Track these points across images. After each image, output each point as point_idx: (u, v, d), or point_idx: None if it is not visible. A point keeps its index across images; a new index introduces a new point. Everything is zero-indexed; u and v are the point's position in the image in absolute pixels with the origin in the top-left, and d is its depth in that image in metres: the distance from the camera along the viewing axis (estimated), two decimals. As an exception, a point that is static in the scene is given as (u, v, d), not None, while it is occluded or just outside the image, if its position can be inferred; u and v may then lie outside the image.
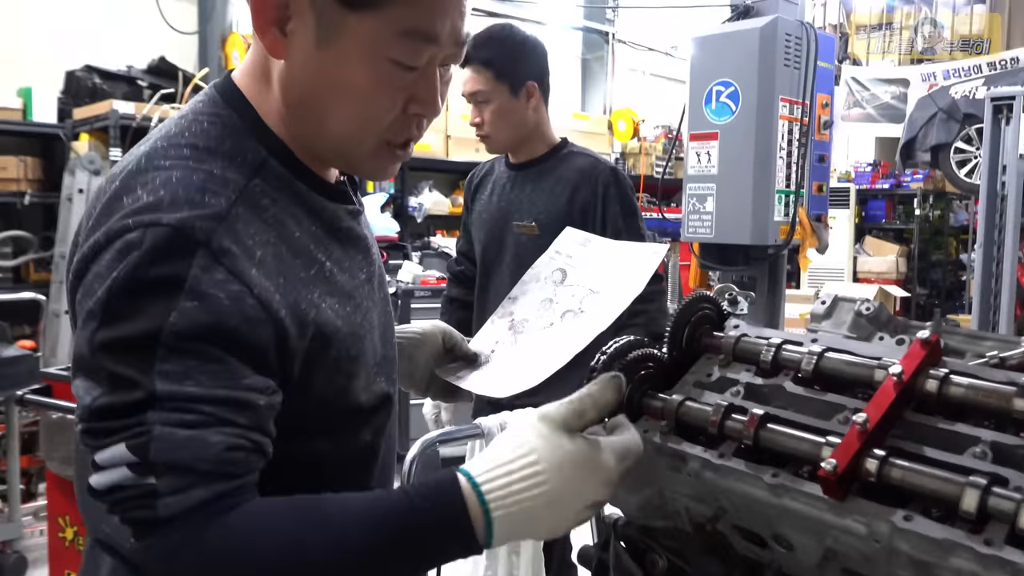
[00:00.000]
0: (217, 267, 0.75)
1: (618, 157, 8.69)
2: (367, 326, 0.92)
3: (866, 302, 1.20)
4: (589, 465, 0.77)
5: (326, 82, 0.84)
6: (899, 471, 0.71)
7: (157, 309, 0.72)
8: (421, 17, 0.82)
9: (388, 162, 0.92)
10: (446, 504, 0.74)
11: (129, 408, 0.71)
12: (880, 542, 0.70)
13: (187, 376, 0.72)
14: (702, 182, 3.31)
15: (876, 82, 10.85)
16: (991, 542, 0.64)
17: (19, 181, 4.94)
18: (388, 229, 5.54)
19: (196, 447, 0.71)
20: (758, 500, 0.80)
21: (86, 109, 5.03)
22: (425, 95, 0.87)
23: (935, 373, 0.78)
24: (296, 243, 0.84)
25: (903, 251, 10.11)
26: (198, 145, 0.83)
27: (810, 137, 3.28)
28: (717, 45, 3.25)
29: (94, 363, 0.74)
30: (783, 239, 3.25)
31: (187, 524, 0.71)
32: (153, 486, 0.70)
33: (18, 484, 3.45)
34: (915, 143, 8.21)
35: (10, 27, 5.35)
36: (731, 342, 0.94)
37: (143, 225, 0.75)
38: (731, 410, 0.84)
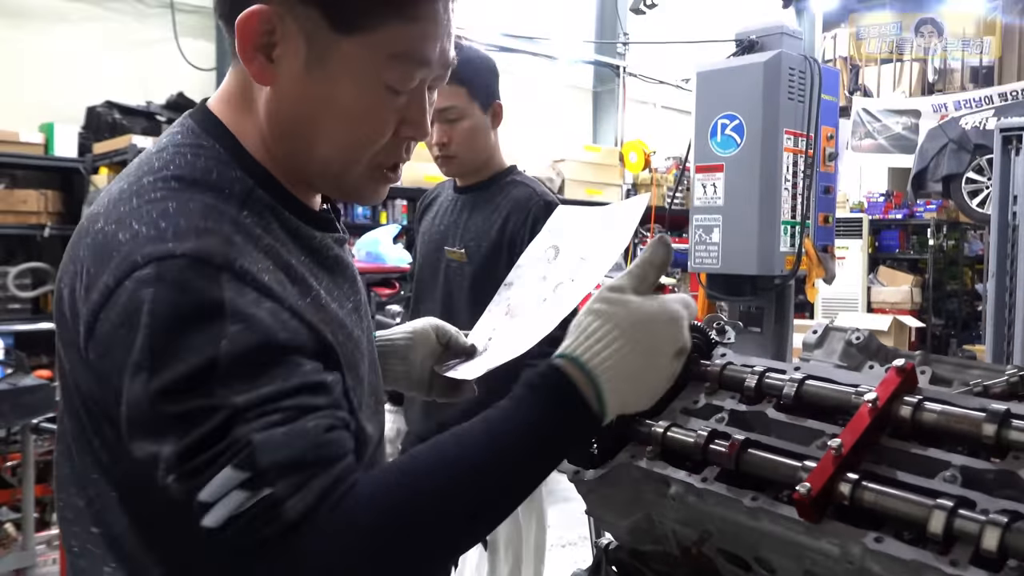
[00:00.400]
0: (246, 288, 0.73)
1: (630, 188, 8.75)
2: (359, 355, 0.90)
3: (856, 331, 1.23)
4: (664, 316, 0.83)
5: (317, 106, 0.84)
6: (871, 494, 0.73)
7: (205, 340, 0.70)
8: (413, 40, 0.83)
9: (380, 185, 0.93)
10: (556, 388, 0.78)
11: (216, 434, 0.68)
12: (853, 563, 0.72)
13: (255, 383, 0.70)
14: (708, 213, 3.35)
15: (887, 113, 10.90)
16: (956, 563, 0.66)
17: (40, 214, 5.05)
18: (400, 260, 5.58)
19: (296, 439, 0.70)
20: (739, 523, 0.83)
21: (106, 144, 5.15)
22: (416, 118, 0.88)
23: (909, 400, 0.80)
24: (292, 271, 0.83)
25: (917, 281, 10.07)
26: (185, 177, 0.81)
27: (815, 169, 3.31)
28: (721, 79, 3.30)
29: (157, 415, 0.70)
30: (789, 269, 3.28)
31: (322, 517, 0.69)
32: (272, 495, 0.68)
33: (32, 512, 3.49)
34: (926, 173, 8.23)
35: (33, 65, 5.50)
36: (717, 370, 0.96)
37: (154, 259, 0.72)
38: (714, 436, 0.86)
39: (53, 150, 5.15)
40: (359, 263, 5.63)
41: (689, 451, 0.88)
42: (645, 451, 0.92)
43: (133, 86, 5.88)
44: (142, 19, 6.02)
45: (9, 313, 4.87)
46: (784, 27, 3.40)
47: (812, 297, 3.54)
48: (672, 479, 0.88)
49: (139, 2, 5.99)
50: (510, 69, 8.52)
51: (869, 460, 0.80)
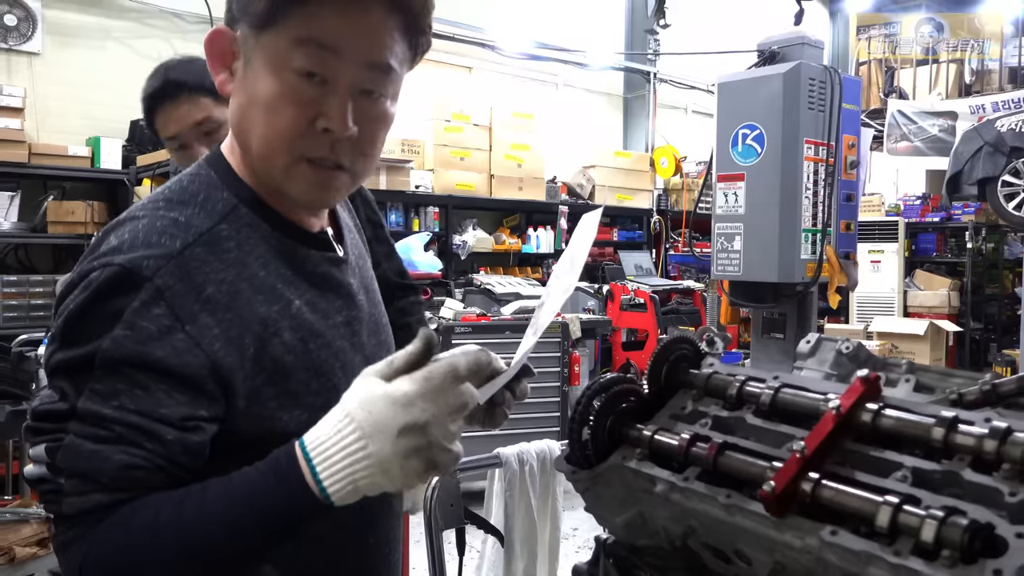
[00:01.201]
0: (158, 303, 0.85)
1: (661, 194, 8.80)
2: (336, 365, 0.98)
3: (846, 341, 1.31)
4: (389, 397, 0.79)
5: (247, 101, 0.94)
6: (829, 492, 0.81)
7: (96, 336, 0.83)
8: (315, 27, 0.89)
9: (310, 180, 0.95)
10: (284, 472, 0.81)
11: (56, 416, 0.84)
12: (812, 554, 0.80)
13: (112, 397, 0.83)
14: (730, 221, 3.40)
15: (923, 115, 10.79)
16: (899, 553, 0.74)
17: (86, 224, 5.26)
18: (431, 267, 5.71)
19: (97, 460, 0.82)
20: (717, 519, 0.91)
21: (148, 156, 5.34)
22: (331, 111, 0.91)
23: (870, 407, 0.88)
24: (259, 281, 0.92)
25: (955, 285, 9.94)
26: (172, 199, 0.95)
27: (836, 177, 3.35)
28: (742, 90, 3.36)
29: (49, 377, 0.87)
30: (810, 276, 3.32)
31: (84, 523, 0.83)
32: (60, 486, 0.83)
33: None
34: (961, 176, 8.14)
35: (81, 82, 5.74)
36: (703, 379, 1.05)
37: (102, 265, 0.86)
38: (695, 439, 0.95)
39: (99, 163, 5.38)
40: (392, 270, 5.77)
41: (673, 453, 0.96)
42: (635, 453, 1.01)
43: (175, 100, 6.09)
44: (183, 35, 6.22)
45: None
46: (805, 37, 3.44)
47: (834, 303, 3.58)
48: (658, 478, 0.96)
49: (179, 19, 6.20)
50: (540, 77, 8.63)
51: (834, 461, 0.87)
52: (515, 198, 7.24)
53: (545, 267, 7.53)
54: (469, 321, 5.20)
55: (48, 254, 5.57)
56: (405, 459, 0.79)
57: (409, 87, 1.06)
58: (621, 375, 1.07)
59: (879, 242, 9.73)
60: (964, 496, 0.79)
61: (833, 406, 0.88)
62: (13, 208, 5.20)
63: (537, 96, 8.50)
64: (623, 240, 8.32)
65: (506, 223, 7.84)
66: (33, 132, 5.33)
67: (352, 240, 1.15)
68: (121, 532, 0.82)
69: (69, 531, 0.84)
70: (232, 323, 0.89)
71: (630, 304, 6.38)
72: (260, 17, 0.91)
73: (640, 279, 7.08)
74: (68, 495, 0.83)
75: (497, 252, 7.33)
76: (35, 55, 5.60)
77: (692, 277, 7.72)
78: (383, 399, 0.79)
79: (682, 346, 1.11)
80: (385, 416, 0.79)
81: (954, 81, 11.41)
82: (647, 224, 8.50)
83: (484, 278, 6.39)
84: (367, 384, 0.81)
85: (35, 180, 5.36)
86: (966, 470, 0.80)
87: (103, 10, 5.88)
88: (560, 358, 4.79)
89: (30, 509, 3.70)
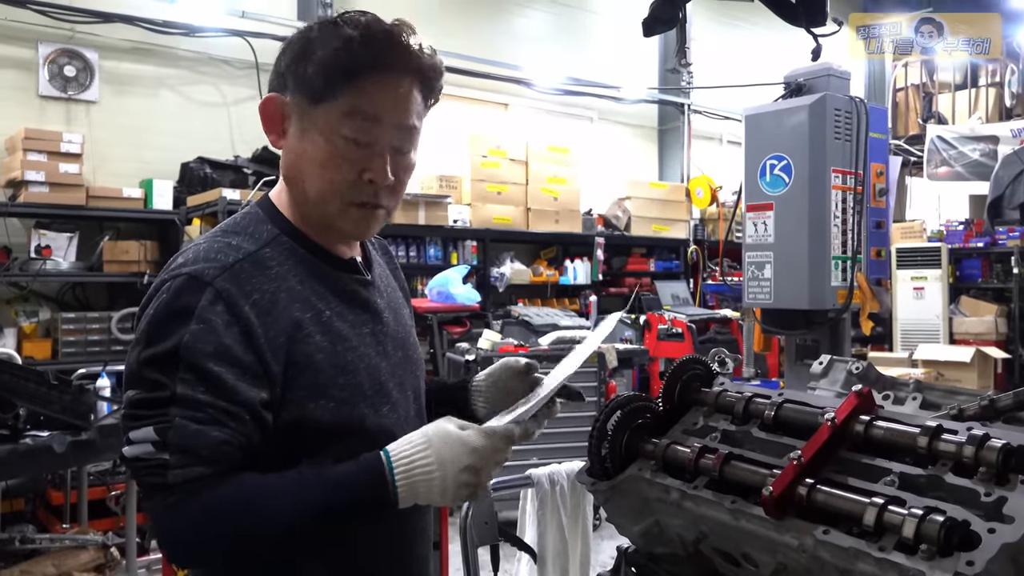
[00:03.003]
0: (218, 301, 1.05)
1: (697, 223, 8.84)
2: (361, 366, 1.17)
3: (857, 362, 1.38)
4: (457, 439, 1.05)
5: (303, 159, 1.15)
6: (822, 495, 0.89)
7: (177, 332, 1.03)
8: (361, 103, 1.12)
9: (358, 220, 1.19)
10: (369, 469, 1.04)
11: (158, 402, 1.01)
12: (807, 552, 0.88)
13: (200, 384, 1.01)
14: (760, 250, 3.46)
15: (963, 140, 10.69)
16: (884, 548, 0.81)
17: (139, 263, 5.48)
18: (469, 299, 5.82)
19: (200, 437, 1.00)
20: (724, 523, 0.99)
21: (198, 197, 5.57)
22: (375, 167, 1.15)
23: (863, 418, 0.95)
24: (295, 293, 1.13)
25: (1002, 311, 9.75)
26: (227, 229, 1.18)
27: (865, 205, 3.40)
28: (768, 121, 3.44)
29: (137, 373, 1.04)
30: (842, 303, 3.36)
31: (185, 490, 0.99)
32: (166, 460, 0.99)
33: (135, 538, 3.80)
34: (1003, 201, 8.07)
35: (135, 126, 6.02)
36: (713, 396, 1.13)
37: (172, 276, 1.08)
38: (704, 451, 1.03)
39: (152, 204, 5.61)
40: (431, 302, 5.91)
41: (684, 464, 1.05)
42: (650, 465, 1.09)
43: (223, 142, 6.36)
44: (231, 80, 6.50)
45: (113, 355, 5.29)
46: (831, 68, 3.51)
47: (867, 330, 3.60)
48: (670, 487, 1.04)
49: (228, 64, 6.48)
50: (575, 111, 8.78)
51: (831, 469, 0.95)
52: (552, 231, 7.35)
53: (582, 298, 7.60)
54: (507, 351, 5.29)
55: (104, 292, 5.80)
56: (457, 488, 1.04)
57: (447, 124, 1.25)
58: (637, 394, 1.16)
59: (921, 268, 9.60)
60: (946, 498, 0.86)
61: (829, 418, 0.96)
62: (72, 248, 5.45)
63: (572, 130, 8.65)
64: (660, 270, 8.36)
65: (543, 255, 7.94)
66: (90, 176, 5.59)
67: (381, 271, 1.35)
68: (225, 499, 1.01)
69: (170, 498, 1.00)
70: (271, 325, 1.09)
71: (668, 334, 6.42)
72: (316, 93, 1.13)
73: (677, 309, 7.12)
74: (173, 467, 0.99)
75: (535, 284, 7.42)
76: (92, 103, 5.90)
77: (729, 306, 7.72)
78: (458, 440, 1.05)
79: (694, 366, 1.20)
80: (456, 453, 1.04)
81: (994, 105, 11.30)
82: (684, 254, 8.54)
83: (522, 310, 6.48)
84: (447, 424, 1.07)
85: (92, 221, 5.60)
86: (948, 474, 0.87)
87: (157, 59, 6.18)
88: (597, 387, 4.84)
89: (88, 536, 3.86)
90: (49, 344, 5.32)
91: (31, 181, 5.11)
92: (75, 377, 4.03)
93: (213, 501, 1.00)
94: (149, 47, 6.11)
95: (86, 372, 4.33)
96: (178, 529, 1.01)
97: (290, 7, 6.83)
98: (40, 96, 5.71)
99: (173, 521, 1.00)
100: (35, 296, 5.56)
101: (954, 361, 8.47)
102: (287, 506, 1.02)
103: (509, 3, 8.25)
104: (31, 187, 5.11)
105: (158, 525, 1.03)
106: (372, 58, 1.12)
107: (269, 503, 1.02)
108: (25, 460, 3.03)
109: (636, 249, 8.39)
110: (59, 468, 3.98)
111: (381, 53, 1.13)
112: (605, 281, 7.85)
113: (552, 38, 8.52)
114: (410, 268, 6.56)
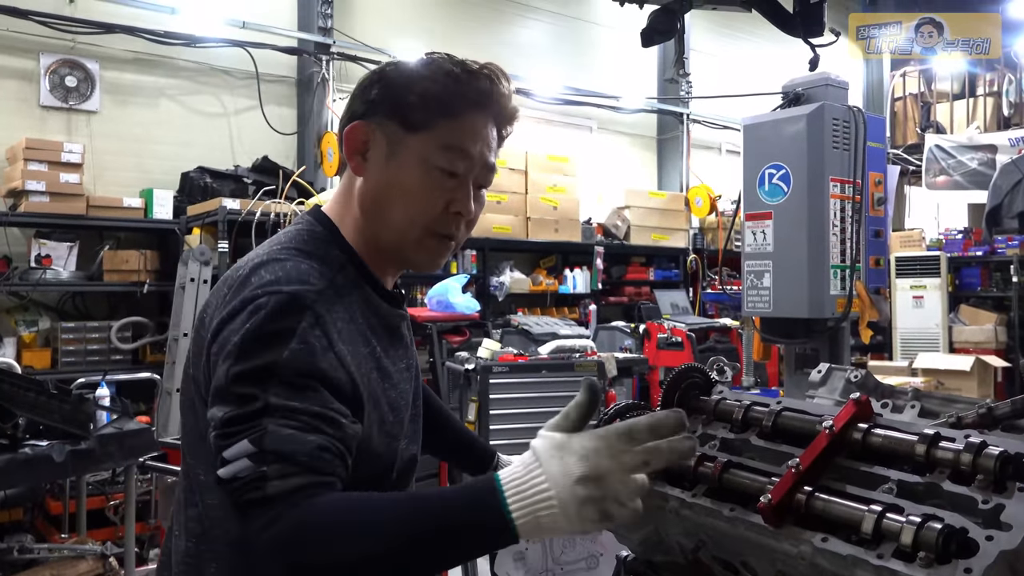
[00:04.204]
0: (316, 326, 1.03)
1: (696, 232, 8.86)
2: (402, 402, 1.19)
3: (855, 371, 1.39)
4: (561, 448, 0.91)
5: (391, 186, 1.16)
6: (820, 503, 0.89)
7: (276, 349, 0.99)
8: (457, 136, 1.15)
9: (433, 250, 1.20)
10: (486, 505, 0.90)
11: (251, 415, 0.96)
12: (805, 559, 0.88)
13: (292, 395, 0.97)
14: (759, 259, 3.47)
15: (961, 149, 10.72)
16: (882, 556, 0.81)
17: (139, 272, 5.49)
18: (469, 308, 5.82)
19: (296, 444, 0.94)
20: (723, 531, 0.99)
21: (198, 206, 5.58)
22: (461, 198, 1.18)
23: (861, 426, 0.96)
24: (359, 326, 1.13)
25: (1002, 320, 9.76)
26: (301, 249, 1.16)
27: (863, 214, 3.41)
28: (767, 131, 3.45)
29: (227, 389, 0.99)
30: (840, 312, 3.36)
31: (286, 503, 0.91)
32: (264, 472, 0.92)
33: (133, 548, 3.80)
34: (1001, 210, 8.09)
35: (136, 138, 6.04)
36: (712, 405, 1.13)
37: (268, 293, 1.04)
38: (703, 459, 1.03)
39: (152, 213, 5.62)
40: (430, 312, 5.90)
41: (683, 472, 1.05)
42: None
43: (223, 152, 6.37)
44: (231, 90, 6.52)
45: (112, 364, 5.29)
46: (829, 78, 3.53)
47: (866, 338, 3.61)
48: (669, 495, 1.05)
49: (228, 75, 6.50)
50: (575, 121, 8.81)
51: (829, 476, 0.95)
52: (551, 240, 7.36)
53: (582, 307, 7.60)
54: (506, 361, 5.28)
55: (104, 301, 5.81)
56: (581, 505, 0.89)
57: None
58: (636, 402, 1.17)
59: (921, 277, 9.62)
60: (944, 505, 0.86)
61: (827, 426, 0.96)
62: (72, 258, 5.46)
63: (572, 140, 8.67)
64: (659, 279, 8.37)
65: (542, 264, 7.95)
66: (91, 185, 5.60)
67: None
68: (330, 512, 0.91)
69: (271, 511, 0.91)
70: (351, 355, 1.07)
71: (667, 343, 6.41)
72: (413, 122, 1.15)
73: (676, 318, 7.12)
74: (272, 479, 0.92)
75: (534, 293, 7.43)
76: (93, 113, 5.92)
77: (729, 315, 7.73)
78: (567, 450, 0.91)
79: (693, 375, 1.20)
80: (568, 465, 0.90)
81: (992, 114, 11.34)
82: (683, 263, 8.55)
83: (521, 319, 6.48)
84: (553, 435, 0.94)
85: (92, 231, 5.62)
86: (945, 481, 0.87)
87: (158, 69, 6.20)
88: (596, 396, 4.84)
89: (86, 546, 3.85)
90: (49, 353, 5.33)
91: (32, 191, 5.13)
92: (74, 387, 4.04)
93: (320, 508, 0.91)
94: (150, 57, 6.14)
95: (86, 381, 4.33)
96: (287, 541, 0.90)
97: (291, 18, 6.87)
98: (41, 106, 5.73)
99: (279, 535, 0.90)
100: (35, 305, 5.56)
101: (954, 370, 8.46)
102: (401, 521, 0.91)
103: (509, 13, 8.29)
104: (31, 197, 5.13)
105: (262, 546, 0.91)
106: (473, 96, 1.16)
107: (382, 518, 0.92)
108: (24, 469, 3.04)
109: (635, 258, 8.41)
110: (58, 478, 3.97)
111: (481, 92, 1.17)
112: (604, 290, 7.86)
113: (552, 48, 8.56)
114: (409, 277, 6.56)
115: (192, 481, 1.16)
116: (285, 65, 6.80)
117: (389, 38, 7.17)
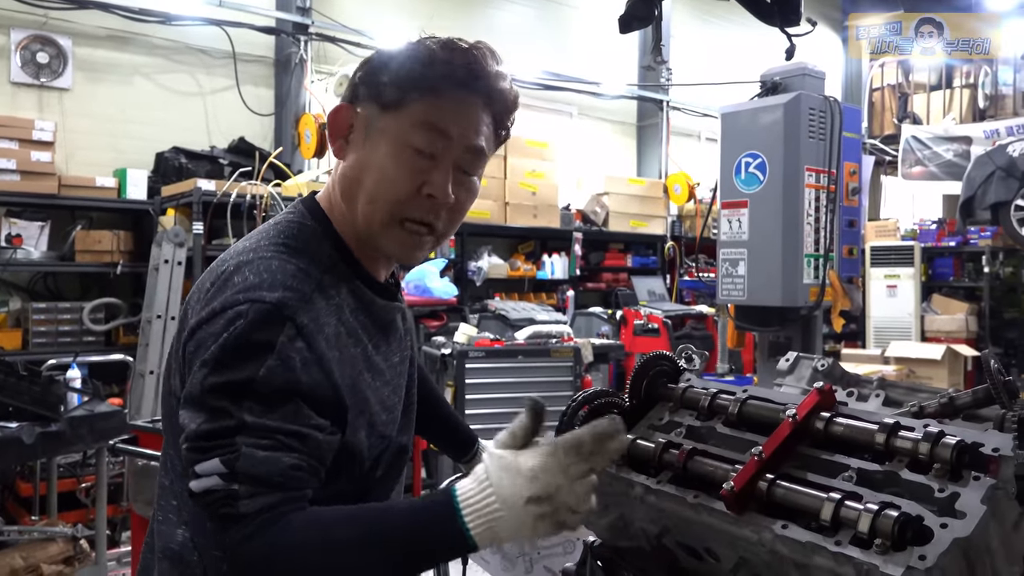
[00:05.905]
0: (298, 338, 1.00)
1: (675, 220, 8.89)
2: (396, 398, 1.18)
3: (822, 359, 1.40)
4: (508, 469, 0.94)
5: (364, 166, 1.12)
6: (781, 491, 0.90)
7: (253, 364, 0.97)
8: (433, 115, 1.10)
9: (404, 240, 1.14)
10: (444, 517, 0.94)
11: (225, 432, 0.95)
12: (765, 546, 0.89)
13: (267, 413, 0.96)
14: (734, 247, 3.49)
15: (937, 140, 10.83)
16: (840, 542, 0.83)
17: (113, 253, 5.42)
18: (446, 293, 5.81)
19: (270, 465, 0.94)
20: (687, 517, 1.00)
21: (173, 187, 5.52)
22: (437, 180, 1.11)
23: (823, 415, 0.97)
24: (348, 326, 1.10)
25: (973, 309, 9.90)
26: (289, 244, 1.11)
27: (838, 204, 3.44)
28: (744, 120, 3.46)
29: (201, 399, 0.98)
30: (813, 301, 3.39)
31: (257, 520, 0.93)
32: (236, 491, 0.93)
33: (104, 531, 3.77)
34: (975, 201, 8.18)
35: (109, 116, 5.95)
36: (679, 392, 1.14)
37: (250, 300, 1.01)
38: (668, 446, 1.04)
39: (125, 193, 5.55)
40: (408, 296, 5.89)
41: (648, 459, 1.06)
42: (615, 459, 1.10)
43: (198, 132, 6.30)
44: (208, 69, 6.43)
45: (84, 345, 5.23)
46: (806, 68, 3.54)
47: (838, 327, 3.65)
48: (634, 482, 1.05)
49: (205, 54, 6.41)
50: (555, 106, 8.79)
51: (791, 464, 0.96)
52: (530, 225, 7.36)
53: (560, 293, 7.62)
54: (483, 346, 5.29)
55: (76, 282, 5.74)
56: (536, 521, 0.92)
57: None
58: (604, 389, 1.17)
59: (895, 266, 9.73)
60: (902, 493, 0.87)
61: (790, 414, 0.97)
62: (43, 238, 5.38)
63: (552, 125, 8.65)
64: (637, 266, 8.40)
65: (521, 250, 7.95)
66: (63, 164, 5.52)
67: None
68: (298, 530, 0.93)
69: (244, 529, 0.93)
70: (338, 360, 1.05)
71: (644, 329, 6.45)
72: (388, 100, 1.11)
73: (653, 304, 7.15)
74: (243, 497, 0.93)
75: (512, 278, 7.43)
76: (65, 91, 5.82)
77: (705, 302, 7.78)
78: (515, 472, 0.93)
79: (661, 363, 1.21)
80: (516, 487, 0.92)
81: (968, 106, 11.45)
82: (661, 250, 8.59)
83: (499, 304, 6.47)
84: (501, 455, 0.96)
85: (64, 211, 5.53)
86: (904, 470, 0.89)
87: (133, 47, 6.10)
88: (572, 382, 4.86)
89: (56, 528, 3.82)
90: (19, 334, 5.25)
91: (2, 169, 5.04)
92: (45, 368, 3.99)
93: (290, 527, 0.93)
94: (124, 35, 6.04)
95: (56, 363, 4.28)
96: (258, 559, 0.93)
97: (268, -4, 6.78)
98: (12, 83, 5.63)
99: (252, 552, 0.93)
100: (5, 286, 5.48)
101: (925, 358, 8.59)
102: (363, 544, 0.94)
103: (489, -4, 8.24)
104: (1, 175, 5.04)
105: (235, 560, 0.94)
106: (449, 72, 1.10)
107: (346, 537, 0.94)
108: (-7, 451, 3.00)
109: (614, 245, 8.42)
110: (28, 459, 3.93)
111: (459, 69, 1.11)
112: (582, 276, 7.88)
113: (532, 33, 8.52)
114: (387, 261, 6.53)
115: (173, 470, 1.14)
116: (263, 45, 6.71)
117: (368, 19, 7.10)
